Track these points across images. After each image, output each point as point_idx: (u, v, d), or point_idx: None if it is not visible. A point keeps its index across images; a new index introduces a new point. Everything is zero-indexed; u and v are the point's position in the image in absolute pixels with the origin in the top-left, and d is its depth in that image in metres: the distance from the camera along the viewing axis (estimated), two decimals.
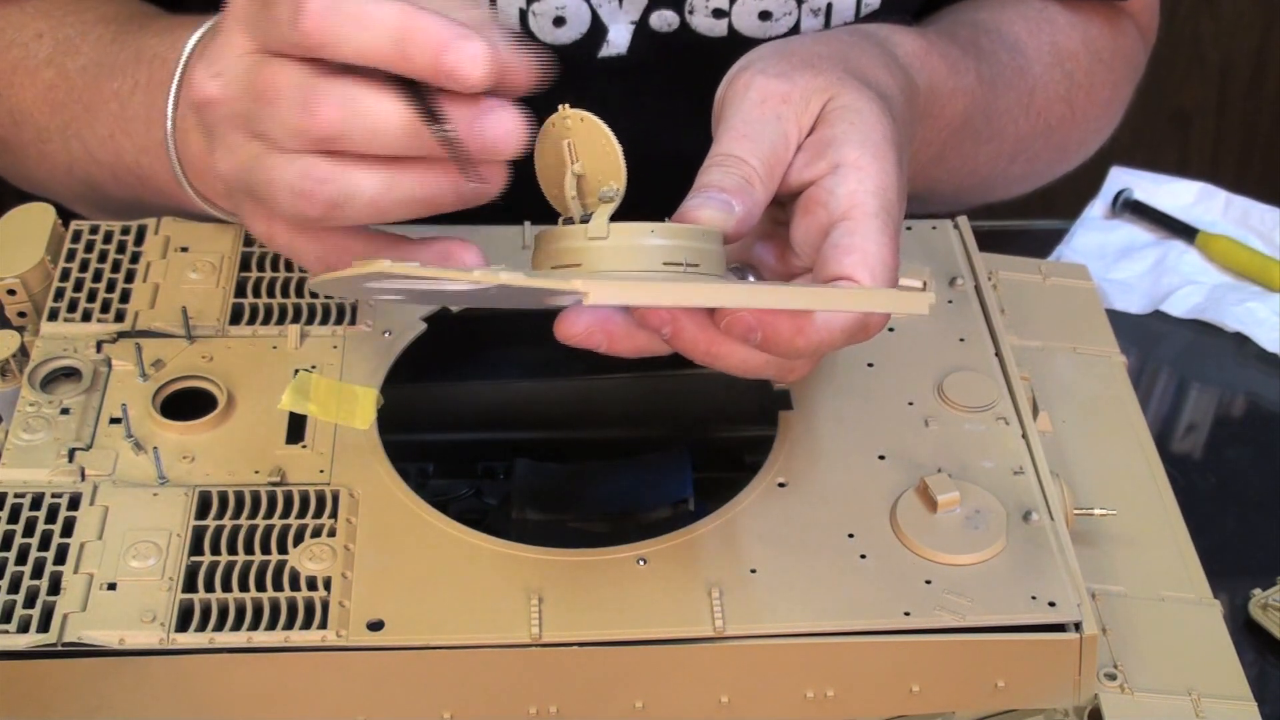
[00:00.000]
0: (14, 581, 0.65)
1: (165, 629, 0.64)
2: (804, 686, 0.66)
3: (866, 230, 0.65)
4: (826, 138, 0.68)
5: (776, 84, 0.69)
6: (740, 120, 0.68)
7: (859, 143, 0.67)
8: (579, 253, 0.63)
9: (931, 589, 0.66)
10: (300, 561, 0.66)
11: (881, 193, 0.66)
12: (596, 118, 0.64)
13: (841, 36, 0.76)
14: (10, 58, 0.87)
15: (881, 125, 0.68)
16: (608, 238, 0.63)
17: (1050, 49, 0.94)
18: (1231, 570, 0.81)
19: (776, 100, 0.68)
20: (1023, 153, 0.95)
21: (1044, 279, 0.90)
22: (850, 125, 0.68)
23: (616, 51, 0.92)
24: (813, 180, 0.68)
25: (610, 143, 0.64)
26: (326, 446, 0.72)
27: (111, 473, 0.70)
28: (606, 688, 0.65)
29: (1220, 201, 1.12)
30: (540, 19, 0.90)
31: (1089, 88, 0.96)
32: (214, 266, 0.80)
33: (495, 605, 0.65)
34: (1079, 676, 0.66)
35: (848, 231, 0.65)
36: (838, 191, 0.66)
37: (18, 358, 0.76)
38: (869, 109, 0.69)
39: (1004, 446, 0.73)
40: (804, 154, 0.68)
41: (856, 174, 0.66)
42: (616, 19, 0.91)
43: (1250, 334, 1.01)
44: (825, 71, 0.70)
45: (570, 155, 0.64)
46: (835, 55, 0.72)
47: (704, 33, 0.92)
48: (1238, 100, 2.07)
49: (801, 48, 0.72)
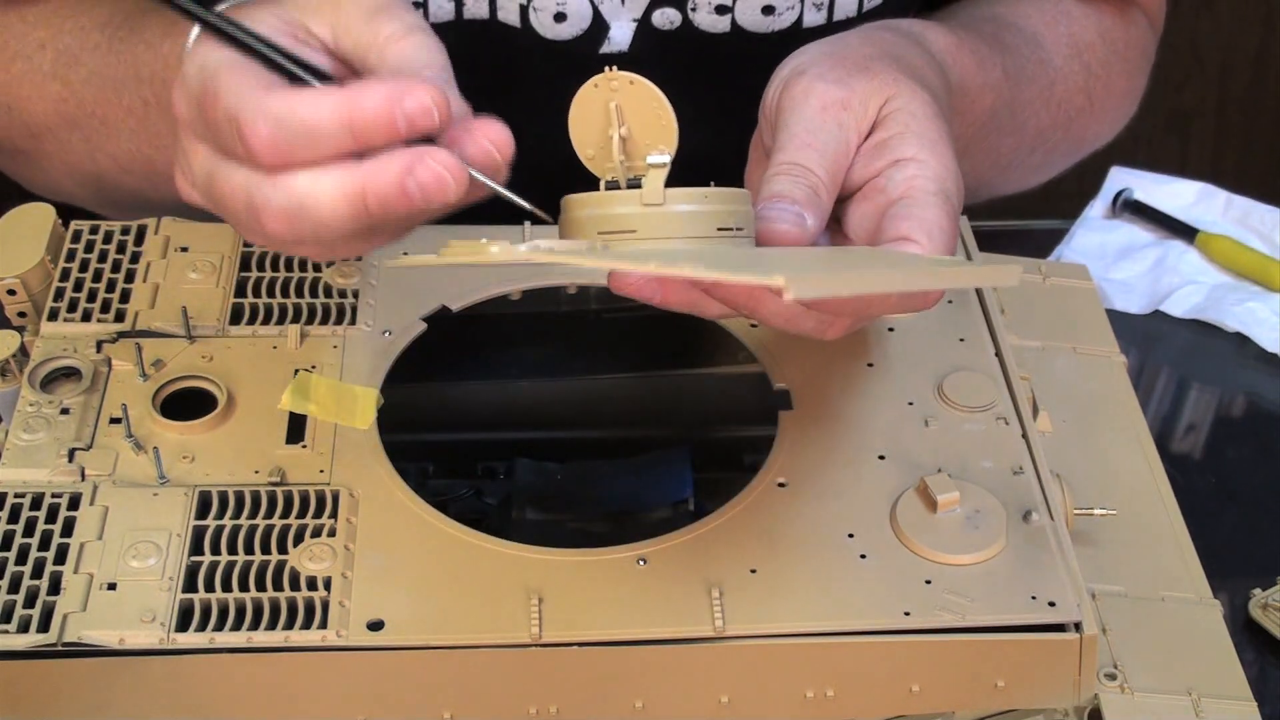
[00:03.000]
0: (14, 581, 0.65)
1: (165, 629, 0.64)
2: (804, 686, 0.66)
3: (925, 201, 0.67)
4: (886, 139, 0.69)
5: (835, 90, 0.69)
6: (803, 129, 0.69)
7: (916, 140, 0.69)
8: (633, 220, 0.62)
9: (931, 589, 0.66)
10: (300, 561, 0.66)
11: (940, 179, 0.68)
12: (648, 81, 0.63)
13: (884, 36, 0.77)
14: (15, 70, 0.87)
15: (937, 122, 0.70)
16: (664, 203, 0.62)
17: (1068, 41, 0.94)
18: (1231, 570, 0.81)
19: (837, 107, 0.69)
20: (1042, 144, 0.95)
21: (1044, 279, 0.90)
22: (907, 126, 0.69)
23: (618, 49, 0.92)
24: (871, 176, 0.69)
25: (664, 106, 0.63)
26: (326, 446, 0.72)
27: (111, 473, 0.70)
28: (607, 688, 0.65)
29: (1220, 201, 1.12)
30: (540, 14, 0.90)
31: (1106, 79, 0.96)
32: (214, 266, 0.80)
33: (495, 605, 0.65)
34: (1079, 676, 0.66)
35: (906, 206, 0.67)
36: (896, 178, 0.68)
37: (18, 358, 0.76)
38: (923, 110, 0.70)
39: (1004, 446, 0.73)
40: (863, 156, 0.70)
41: (916, 165, 0.68)
42: (618, 16, 0.91)
43: (1250, 334, 1.01)
44: (880, 73, 0.71)
45: (618, 118, 0.64)
46: (885, 55, 0.73)
47: (707, 29, 0.92)
48: (1238, 100, 2.07)
49: (851, 50, 0.73)
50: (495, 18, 0.90)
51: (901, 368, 0.77)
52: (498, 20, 0.91)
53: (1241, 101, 2.07)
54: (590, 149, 0.65)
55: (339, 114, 0.60)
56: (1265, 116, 2.08)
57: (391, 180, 0.60)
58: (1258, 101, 2.06)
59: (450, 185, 0.61)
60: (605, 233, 0.63)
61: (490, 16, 0.90)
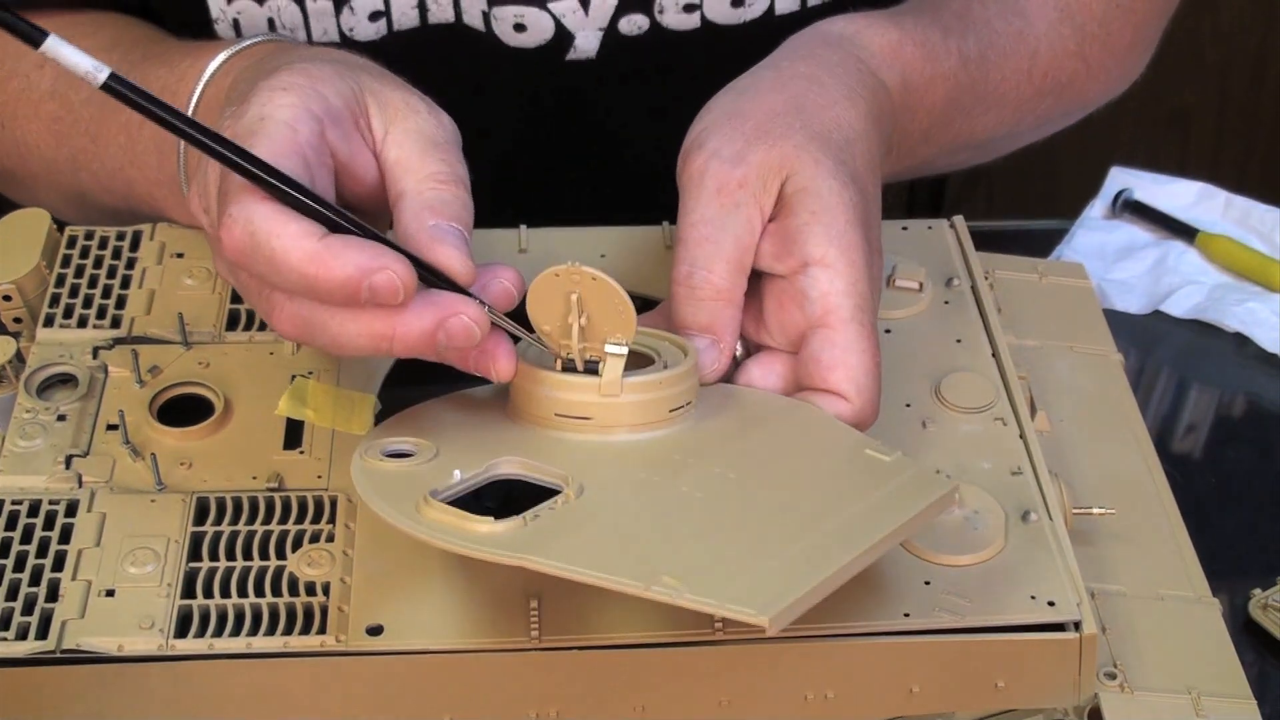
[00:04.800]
0: (12, 589, 0.65)
1: (164, 635, 0.64)
2: (804, 688, 0.66)
3: (846, 340, 0.68)
4: (791, 229, 0.69)
5: (731, 171, 0.69)
6: (699, 218, 0.69)
7: (824, 236, 0.68)
8: (590, 408, 0.66)
9: (931, 589, 0.66)
10: (299, 567, 0.66)
11: (854, 291, 0.68)
12: (610, 279, 0.64)
13: (802, 68, 0.75)
14: (11, 89, 0.86)
15: (842, 205, 0.69)
16: (621, 394, 0.65)
17: (1056, 4, 0.92)
18: (1231, 570, 0.81)
19: (733, 187, 0.69)
20: (1031, 112, 0.93)
21: (1040, 278, 0.90)
22: (812, 215, 0.68)
23: (585, 56, 0.91)
24: (783, 275, 0.69)
25: (624, 302, 0.64)
26: (324, 452, 0.72)
27: (109, 479, 0.70)
28: (606, 691, 0.65)
29: (1220, 201, 1.12)
30: (501, 23, 0.90)
31: (1104, 37, 0.94)
32: (210, 272, 0.80)
33: (494, 609, 0.65)
34: (1079, 676, 0.66)
35: (827, 343, 0.68)
36: (811, 294, 0.68)
37: (13, 364, 0.76)
38: (828, 188, 0.69)
39: (1002, 447, 0.73)
40: (770, 242, 0.69)
41: (827, 274, 0.68)
42: (583, 27, 0.90)
43: (1250, 334, 1.01)
44: (780, 139, 0.70)
45: (578, 308, 0.65)
46: (791, 108, 0.71)
47: (676, 29, 0.91)
48: (1238, 100, 2.07)
49: (756, 105, 0.72)
50: (460, 21, 0.90)
51: (898, 370, 0.76)
52: (463, 24, 0.90)
53: (1241, 101, 2.07)
54: (548, 325, 0.66)
55: (304, 267, 0.60)
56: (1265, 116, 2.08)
57: (423, 330, 0.62)
58: (1258, 101, 2.06)
59: (476, 335, 0.62)
60: (561, 415, 0.66)
61: (455, 20, 0.90)
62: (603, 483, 0.64)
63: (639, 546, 0.61)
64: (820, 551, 0.60)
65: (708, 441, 0.66)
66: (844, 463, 0.66)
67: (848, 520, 0.62)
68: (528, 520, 0.61)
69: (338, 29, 0.90)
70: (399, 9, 0.89)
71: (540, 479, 0.64)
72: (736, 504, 0.63)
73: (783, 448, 0.67)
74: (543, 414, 0.66)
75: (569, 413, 0.66)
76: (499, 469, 0.65)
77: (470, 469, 0.64)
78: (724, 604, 0.57)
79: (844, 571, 0.59)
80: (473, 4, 0.89)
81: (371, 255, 0.60)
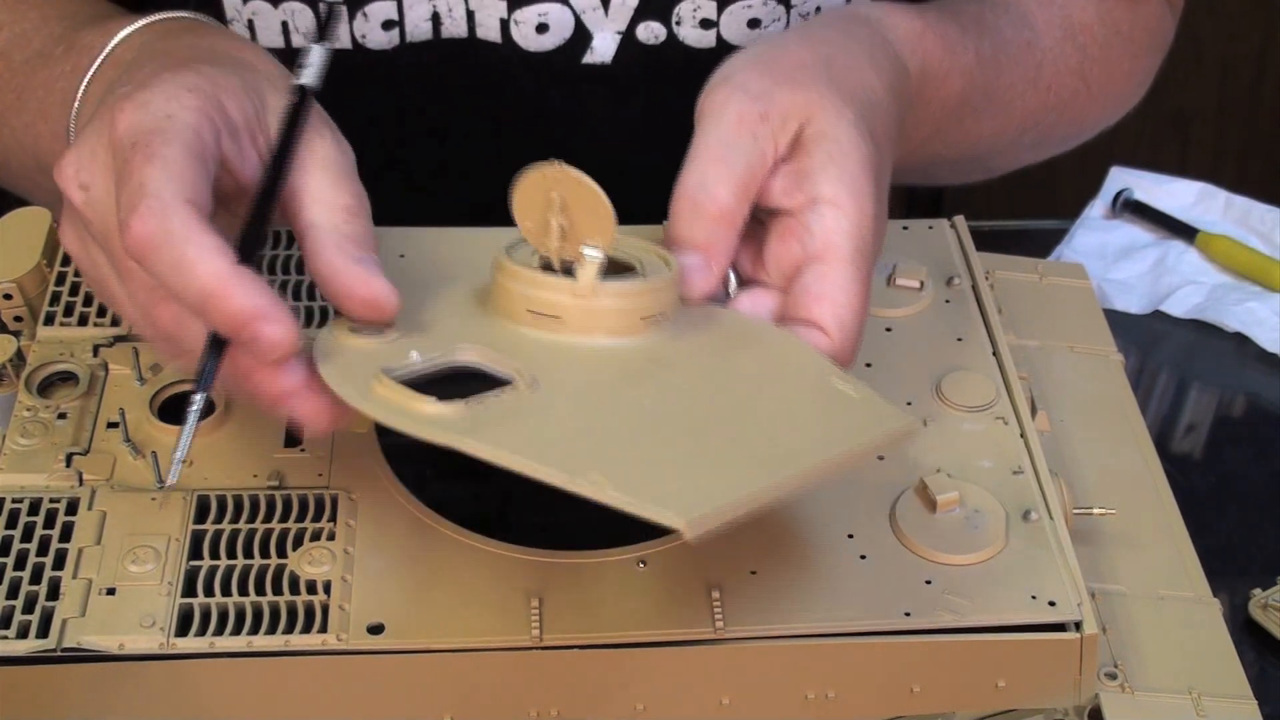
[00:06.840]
0: (13, 587, 0.65)
1: (165, 634, 0.64)
2: (804, 687, 0.66)
3: (839, 277, 0.67)
4: (804, 168, 0.68)
5: (754, 105, 0.69)
6: (716, 140, 0.69)
7: (836, 177, 0.68)
8: (561, 307, 0.65)
9: (931, 589, 0.66)
10: (300, 565, 0.66)
11: (857, 233, 0.67)
12: (593, 183, 0.64)
13: (830, 34, 0.76)
14: None
15: (859, 154, 0.69)
16: (593, 297, 0.64)
17: (1062, 22, 0.93)
18: (1231, 570, 0.81)
19: (754, 119, 0.68)
20: (1034, 126, 0.94)
21: (1041, 278, 0.90)
22: (828, 156, 0.68)
23: (601, 60, 0.92)
24: (790, 210, 0.69)
25: (605, 208, 0.64)
26: (325, 450, 0.72)
27: (109, 477, 0.70)
28: (607, 690, 0.65)
29: (1220, 201, 1.12)
30: (523, 26, 0.90)
31: (1104, 61, 0.95)
32: None
33: (495, 608, 0.65)
34: (1079, 676, 0.66)
35: (820, 276, 0.67)
36: (814, 228, 0.67)
37: (14, 362, 0.75)
38: (846, 136, 0.69)
39: (1003, 446, 0.73)
40: (782, 180, 0.69)
41: (833, 211, 0.67)
42: (601, 27, 0.90)
43: (1250, 334, 1.01)
44: (806, 86, 0.70)
45: (557, 205, 0.65)
46: (819, 61, 0.72)
47: (692, 44, 0.91)
48: (1238, 100, 2.07)
49: (785, 54, 0.72)
50: (474, 35, 0.90)
51: (899, 368, 0.76)
52: (477, 38, 0.90)
53: (1241, 101, 2.07)
54: (529, 221, 0.66)
55: (209, 282, 0.59)
56: (1265, 116, 2.08)
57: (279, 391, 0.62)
58: (1258, 101, 2.06)
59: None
60: (533, 311, 0.65)
61: (469, 35, 0.90)
62: (559, 381, 0.63)
63: (577, 443, 0.60)
64: (757, 466, 0.59)
65: (678, 356, 0.66)
66: (808, 390, 0.65)
67: (793, 442, 0.61)
68: (471, 404, 0.61)
69: (350, 35, 0.90)
70: (413, 20, 0.89)
71: (496, 370, 0.63)
72: (686, 416, 0.63)
73: (751, 370, 0.66)
74: (516, 310, 0.66)
75: (541, 309, 0.65)
76: (456, 356, 0.64)
77: (431, 353, 0.64)
78: (645, 504, 0.56)
79: (776, 489, 0.59)
80: (489, 15, 0.89)
81: (272, 303, 0.59)
